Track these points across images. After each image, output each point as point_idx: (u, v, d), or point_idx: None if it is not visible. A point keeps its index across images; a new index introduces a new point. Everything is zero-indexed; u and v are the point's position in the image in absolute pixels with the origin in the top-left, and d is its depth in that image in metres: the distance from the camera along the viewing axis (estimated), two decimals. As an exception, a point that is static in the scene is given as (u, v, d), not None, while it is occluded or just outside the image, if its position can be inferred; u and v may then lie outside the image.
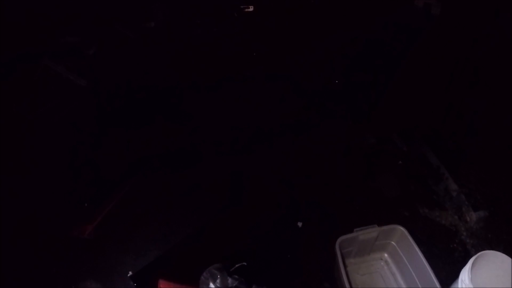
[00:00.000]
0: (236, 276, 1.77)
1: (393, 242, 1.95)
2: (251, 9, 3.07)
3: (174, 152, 2.50)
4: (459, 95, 2.50)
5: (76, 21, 2.82)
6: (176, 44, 2.98)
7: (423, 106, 2.58)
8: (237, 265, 1.93)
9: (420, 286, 1.79)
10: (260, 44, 3.02)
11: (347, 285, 1.68)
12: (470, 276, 1.55)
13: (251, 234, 2.14)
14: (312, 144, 2.53)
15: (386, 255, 2.01)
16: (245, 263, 1.95)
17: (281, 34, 3.06)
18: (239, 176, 2.38)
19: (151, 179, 2.37)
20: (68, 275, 2.05)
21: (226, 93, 2.80)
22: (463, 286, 1.57)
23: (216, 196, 2.28)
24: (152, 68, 2.89)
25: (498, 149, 2.34)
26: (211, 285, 1.70)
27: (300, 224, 2.15)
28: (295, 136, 2.58)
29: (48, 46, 2.77)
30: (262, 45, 3.02)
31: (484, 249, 1.67)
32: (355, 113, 2.70)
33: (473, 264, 1.57)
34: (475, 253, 1.60)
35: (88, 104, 2.73)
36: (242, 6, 3.08)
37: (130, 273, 2.03)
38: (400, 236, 1.89)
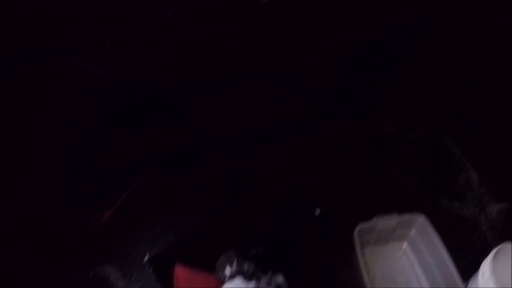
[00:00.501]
0: (253, 261, 1.76)
1: (413, 232, 1.90)
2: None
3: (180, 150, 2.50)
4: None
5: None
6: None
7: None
8: (253, 251, 1.92)
9: (439, 276, 1.75)
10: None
11: (365, 274, 1.65)
12: (491, 268, 1.50)
13: (268, 221, 2.13)
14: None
15: (405, 244, 1.96)
16: (262, 249, 1.94)
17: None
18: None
19: (168, 166, 2.37)
20: (85, 261, 2.07)
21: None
22: (484, 279, 1.54)
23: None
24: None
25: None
26: (228, 269, 1.69)
27: (317, 211, 2.12)
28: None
29: (65, 38, 2.78)
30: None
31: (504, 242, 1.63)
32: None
33: (494, 256, 1.53)
34: (495, 246, 1.57)
35: (107, 95, 2.73)
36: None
37: (147, 257, 2.04)
38: (420, 226, 1.84)
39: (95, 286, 2.01)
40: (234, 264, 1.70)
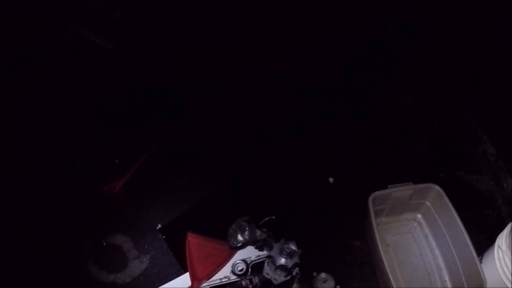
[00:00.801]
0: (265, 229, 1.75)
1: (427, 202, 1.87)
2: None
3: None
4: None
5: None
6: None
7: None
8: (266, 219, 1.91)
9: (453, 250, 1.73)
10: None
11: (379, 244, 1.63)
12: (508, 241, 1.47)
13: (282, 189, 2.14)
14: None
15: (419, 215, 1.94)
16: (274, 217, 1.93)
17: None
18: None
19: (178, 136, 2.42)
20: (98, 230, 2.12)
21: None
22: (500, 252, 1.52)
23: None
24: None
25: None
26: (239, 237, 1.67)
27: (331, 179, 2.11)
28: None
29: (75, 12, 2.79)
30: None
31: (520, 218, 1.59)
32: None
33: (511, 230, 1.51)
34: (510, 221, 1.54)
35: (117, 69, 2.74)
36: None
37: (159, 226, 2.08)
38: (435, 197, 1.81)
39: (108, 255, 2.04)
40: (246, 231, 1.69)
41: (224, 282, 1.66)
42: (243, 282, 1.67)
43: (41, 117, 2.61)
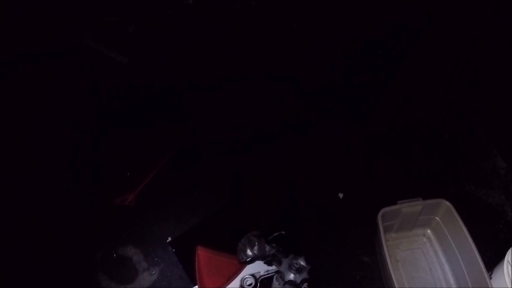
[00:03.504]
0: (274, 244, 1.75)
1: (437, 218, 1.86)
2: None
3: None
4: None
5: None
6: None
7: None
8: (275, 234, 1.91)
9: (463, 265, 1.72)
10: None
11: (388, 260, 1.62)
12: None
13: (291, 204, 2.15)
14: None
15: (429, 231, 1.93)
16: (284, 232, 1.93)
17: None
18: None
19: (191, 150, 2.42)
20: (109, 241, 2.13)
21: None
22: (509, 267, 1.51)
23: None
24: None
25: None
26: (249, 251, 1.68)
27: (341, 195, 2.11)
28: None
29: (89, 26, 2.83)
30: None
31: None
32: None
33: None
34: None
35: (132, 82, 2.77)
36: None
37: (169, 239, 2.09)
38: (445, 212, 1.80)
39: (119, 267, 2.04)
40: (256, 246, 1.69)
41: (233, 296, 1.64)
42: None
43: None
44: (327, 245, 1.98)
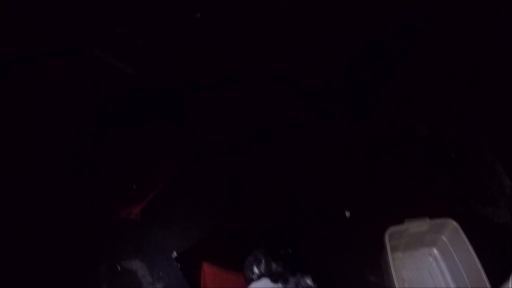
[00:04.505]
0: (281, 262, 1.74)
1: (444, 237, 1.87)
2: None
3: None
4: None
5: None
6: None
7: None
8: (282, 252, 1.90)
9: (469, 284, 1.72)
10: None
11: (395, 279, 1.62)
12: None
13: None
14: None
15: (435, 250, 1.94)
16: (290, 250, 1.92)
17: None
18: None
19: (199, 163, 2.39)
20: (113, 254, 2.10)
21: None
22: None
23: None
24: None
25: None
26: (255, 269, 1.68)
27: (348, 213, 2.11)
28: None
29: (96, 37, 2.81)
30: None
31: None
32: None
33: None
34: None
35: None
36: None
37: (175, 254, 2.06)
38: (451, 231, 1.81)
39: (123, 280, 2.03)
40: (262, 264, 1.69)
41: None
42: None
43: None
44: (333, 265, 1.96)
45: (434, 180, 2.23)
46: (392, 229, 1.76)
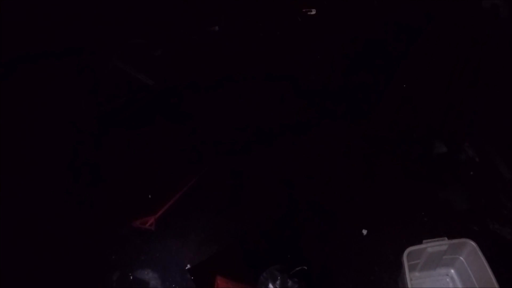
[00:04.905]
0: (296, 279, 1.72)
1: (461, 258, 1.85)
2: (313, 12, 3.06)
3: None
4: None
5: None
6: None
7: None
8: (297, 268, 1.89)
9: None
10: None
11: None
12: None
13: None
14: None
15: (452, 271, 1.91)
16: (306, 267, 1.91)
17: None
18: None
19: (214, 175, 2.37)
20: (126, 263, 2.08)
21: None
22: None
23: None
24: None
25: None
26: (270, 285, 1.66)
27: (365, 231, 2.11)
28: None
29: (117, 46, 2.91)
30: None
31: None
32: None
33: None
34: None
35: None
36: (304, 10, 3.08)
37: (189, 266, 2.04)
38: (469, 252, 1.79)
39: None
40: (278, 281, 1.67)
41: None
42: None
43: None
44: (349, 283, 1.93)
45: (451, 198, 2.21)
46: (411, 249, 1.74)
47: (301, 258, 1.98)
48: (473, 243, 1.76)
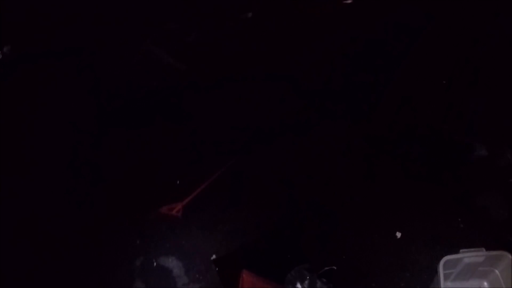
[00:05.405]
0: (325, 280, 1.69)
1: (496, 271, 1.79)
2: (350, 1, 2.99)
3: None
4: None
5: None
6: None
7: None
8: (326, 268, 1.85)
9: None
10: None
11: None
12: None
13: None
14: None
15: (485, 283, 1.86)
16: (335, 268, 1.87)
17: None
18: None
19: (248, 163, 2.34)
20: (151, 249, 2.07)
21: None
22: None
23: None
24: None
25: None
26: (298, 285, 1.64)
27: (399, 234, 2.06)
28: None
29: (150, 31, 2.89)
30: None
31: None
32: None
33: None
34: None
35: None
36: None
37: (214, 256, 2.01)
38: (506, 265, 1.72)
39: (157, 277, 1.99)
40: (306, 281, 1.64)
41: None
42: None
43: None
44: (330, 258, 1.91)
45: (489, 206, 2.14)
46: (447, 258, 1.68)
47: (328, 259, 1.95)
48: (510, 256, 1.70)
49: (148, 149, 2.52)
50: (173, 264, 2.02)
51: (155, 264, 2.02)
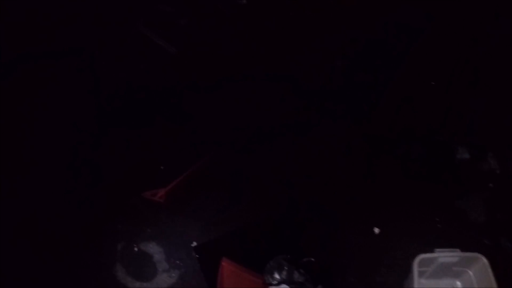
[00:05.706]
0: (303, 271, 1.70)
1: (470, 272, 1.82)
2: None
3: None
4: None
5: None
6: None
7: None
8: (305, 259, 1.87)
9: None
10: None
11: None
12: None
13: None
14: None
15: (458, 283, 1.89)
16: (313, 259, 1.89)
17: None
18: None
19: (230, 154, 2.34)
20: (132, 234, 2.07)
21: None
22: None
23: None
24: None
25: None
26: (276, 275, 1.64)
27: (377, 230, 2.09)
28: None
29: (141, 14, 2.84)
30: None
31: None
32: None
33: None
34: None
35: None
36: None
37: (195, 243, 2.02)
38: (480, 268, 1.76)
39: (138, 262, 1.99)
40: (284, 271, 1.65)
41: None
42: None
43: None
44: (356, 281, 1.92)
45: (468, 209, 2.17)
46: (422, 257, 1.73)
47: (306, 252, 1.96)
48: (484, 259, 1.73)
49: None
50: (154, 249, 2.03)
51: (136, 249, 2.03)
